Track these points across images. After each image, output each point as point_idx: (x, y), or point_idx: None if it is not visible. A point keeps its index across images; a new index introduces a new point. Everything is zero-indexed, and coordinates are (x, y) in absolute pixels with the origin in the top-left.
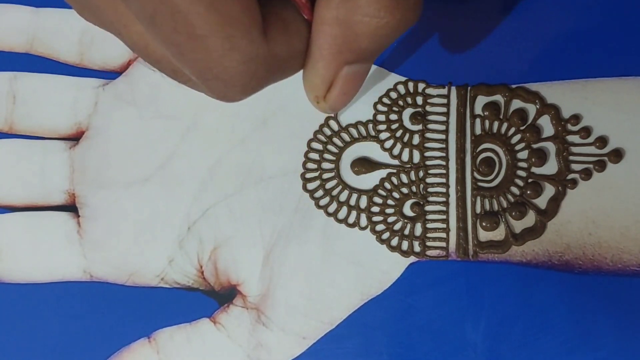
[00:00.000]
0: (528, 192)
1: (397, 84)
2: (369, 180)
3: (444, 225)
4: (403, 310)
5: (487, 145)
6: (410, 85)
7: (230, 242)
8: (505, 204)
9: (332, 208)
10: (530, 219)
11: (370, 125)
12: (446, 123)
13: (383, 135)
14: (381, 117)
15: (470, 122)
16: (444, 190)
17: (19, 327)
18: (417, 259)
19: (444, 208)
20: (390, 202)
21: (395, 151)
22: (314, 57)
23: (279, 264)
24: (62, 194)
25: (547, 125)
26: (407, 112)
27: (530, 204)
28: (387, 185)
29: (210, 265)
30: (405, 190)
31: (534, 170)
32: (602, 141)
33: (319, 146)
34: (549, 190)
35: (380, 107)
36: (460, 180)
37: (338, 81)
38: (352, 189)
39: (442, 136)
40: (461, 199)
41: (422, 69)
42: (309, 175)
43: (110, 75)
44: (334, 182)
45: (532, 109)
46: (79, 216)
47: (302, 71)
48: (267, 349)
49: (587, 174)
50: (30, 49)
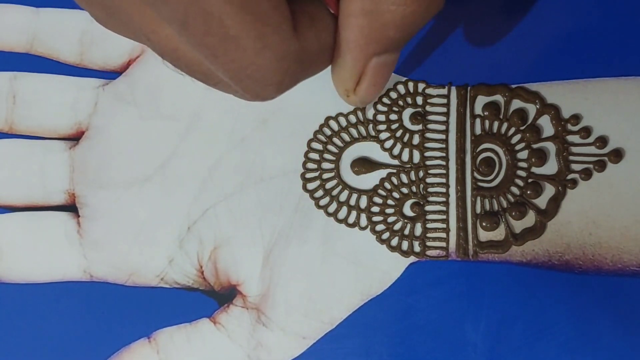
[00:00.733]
0: (528, 192)
1: (397, 84)
2: (369, 180)
3: (444, 225)
4: (403, 310)
5: (487, 145)
6: (410, 85)
7: (230, 242)
8: (505, 204)
9: (332, 208)
10: (530, 219)
11: (370, 125)
12: (446, 123)
13: (383, 135)
14: (381, 117)
15: (470, 122)
16: (444, 190)
17: (19, 327)
18: (417, 259)
19: (444, 208)
20: (390, 202)
21: (395, 151)
22: (342, 50)
23: (279, 264)
24: (62, 194)
25: (547, 125)
26: (407, 112)
27: (530, 204)
28: (387, 185)
29: (210, 265)
30: (405, 190)
31: (534, 170)
32: (602, 141)
33: (319, 146)
34: (549, 190)
35: (380, 107)
36: (460, 180)
37: (367, 73)
38: (352, 189)
39: (442, 136)
40: (461, 199)
41: (422, 69)
42: (309, 175)
43: (110, 75)
44: (334, 182)
45: (532, 109)
46: (79, 216)
47: (330, 66)
48: (267, 349)
49: (587, 174)
50: (30, 49)
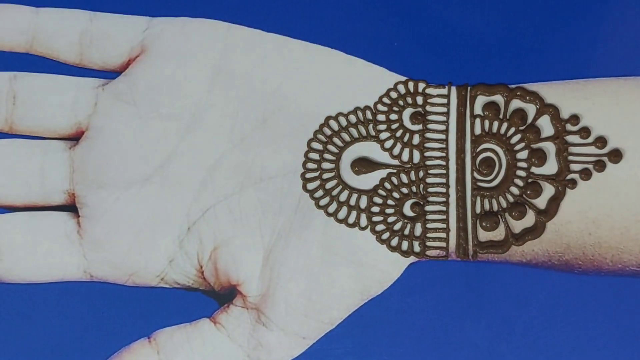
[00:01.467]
0: (528, 192)
1: (397, 84)
2: (369, 180)
3: (444, 225)
4: (403, 310)
5: (487, 145)
6: (411, 85)
7: (230, 243)
8: (505, 204)
9: (332, 208)
10: (530, 219)
11: (370, 125)
12: (446, 123)
13: (383, 135)
14: (381, 117)
15: (470, 122)
16: (444, 190)
17: (19, 327)
18: (417, 259)
19: (444, 208)
20: (390, 202)
21: (395, 151)
22: None
23: (279, 263)
24: (62, 194)
25: (547, 125)
26: (407, 112)
27: (530, 204)
28: (387, 185)
29: (210, 265)
30: (405, 190)
31: (534, 170)
32: (602, 141)
33: (319, 146)
34: (549, 190)
35: (380, 107)
36: (460, 180)
37: None
38: (352, 189)
39: (442, 136)
40: (461, 199)
41: (422, 69)
42: (309, 175)
43: (110, 75)
44: (334, 182)
45: (532, 109)
46: (79, 216)
47: None
48: (267, 349)
49: (587, 174)
50: (30, 49)
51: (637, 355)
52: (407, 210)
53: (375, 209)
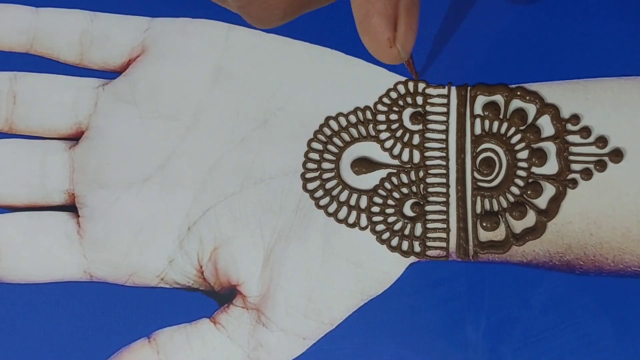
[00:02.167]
0: (528, 192)
1: (397, 84)
2: (369, 180)
3: (444, 226)
4: (403, 310)
5: (487, 145)
6: (411, 85)
7: (230, 243)
8: (505, 204)
9: (332, 208)
10: (530, 219)
11: (370, 125)
12: (446, 123)
13: (383, 135)
14: (381, 117)
15: (470, 122)
16: (444, 190)
17: (19, 327)
18: (417, 259)
19: (444, 208)
20: (390, 202)
21: (395, 151)
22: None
23: (279, 264)
24: (62, 194)
25: (547, 125)
26: (407, 112)
27: (530, 204)
28: (387, 185)
29: (210, 266)
30: (405, 190)
31: (535, 170)
32: (603, 141)
33: (319, 146)
34: (550, 190)
35: (380, 107)
36: (461, 180)
37: (401, 15)
38: (352, 189)
39: (442, 136)
40: (461, 199)
41: (422, 69)
42: (309, 175)
43: (110, 75)
44: (334, 182)
45: (532, 109)
46: (79, 216)
47: (360, 24)
48: (267, 350)
49: (587, 174)
50: (30, 49)
51: (637, 355)
52: (407, 210)
53: (376, 209)
